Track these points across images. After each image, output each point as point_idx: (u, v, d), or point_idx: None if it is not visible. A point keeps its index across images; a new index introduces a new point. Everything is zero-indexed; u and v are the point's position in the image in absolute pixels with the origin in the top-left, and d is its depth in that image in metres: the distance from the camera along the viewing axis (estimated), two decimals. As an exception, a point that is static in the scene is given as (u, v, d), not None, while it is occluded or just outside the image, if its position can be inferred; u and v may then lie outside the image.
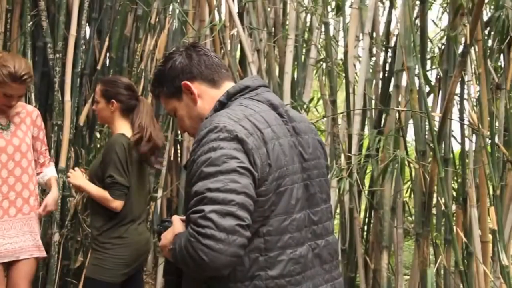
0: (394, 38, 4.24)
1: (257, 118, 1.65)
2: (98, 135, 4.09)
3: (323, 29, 4.35)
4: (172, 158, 4.90)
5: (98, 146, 4.02)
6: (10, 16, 3.89)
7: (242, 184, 1.52)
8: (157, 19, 4.31)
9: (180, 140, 4.88)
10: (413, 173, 3.80)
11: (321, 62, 4.49)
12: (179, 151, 5.09)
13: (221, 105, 1.75)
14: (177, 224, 1.62)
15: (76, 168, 3.07)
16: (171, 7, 4.26)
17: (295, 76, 4.77)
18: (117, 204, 2.83)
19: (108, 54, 4.35)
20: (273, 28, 4.41)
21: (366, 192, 3.93)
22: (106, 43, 4.19)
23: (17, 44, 3.94)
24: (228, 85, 1.80)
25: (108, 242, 2.90)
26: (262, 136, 1.62)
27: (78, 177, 2.97)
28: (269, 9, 4.30)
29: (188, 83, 1.79)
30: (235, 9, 4.17)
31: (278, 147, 1.64)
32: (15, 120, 3.09)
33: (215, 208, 1.47)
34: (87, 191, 2.93)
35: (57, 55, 4.00)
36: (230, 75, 1.86)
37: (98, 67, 4.25)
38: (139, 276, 3.13)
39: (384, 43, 4.16)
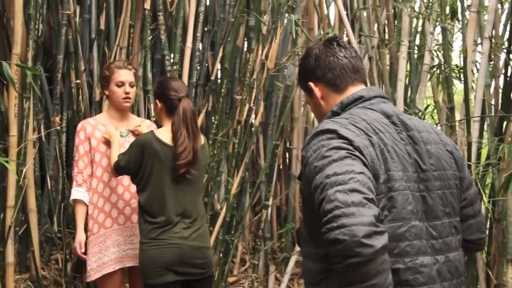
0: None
1: (363, 125, 1.65)
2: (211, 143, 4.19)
3: (436, 34, 4.24)
4: (281, 167, 4.95)
5: (212, 154, 4.13)
6: (132, 31, 4.09)
7: (358, 166, 1.51)
8: (268, 30, 4.38)
9: (289, 148, 4.92)
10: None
11: (435, 68, 4.36)
12: (287, 159, 5.12)
13: (333, 115, 1.76)
14: None
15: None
16: (282, 17, 4.32)
17: (406, 82, 4.66)
18: (112, 166, 3.02)
19: (220, 65, 4.47)
20: (384, 35, 4.35)
21: (487, 201, 3.75)
22: (220, 54, 4.31)
23: (138, 57, 4.15)
24: (353, 90, 1.79)
25: (145, 242, 2.93)
26: (369, 139, 1.61)
27: (116, 137, 3.14)
28: (381, 15, 4.23)
29: (312, 85, 1.81)
30: (345, 16, 4.15)
31: (385, 152, 1.61)
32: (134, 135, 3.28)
33: (338, 188, 1.45)
34: (112, 145, 3.12)
35: (174, 67, 4.17)
36: (360, 78, 1.82)
37: (212, 78, 4.38)
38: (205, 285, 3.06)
39: (505, 46, 3.97)
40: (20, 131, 3.63)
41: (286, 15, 3.96)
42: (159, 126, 3.23)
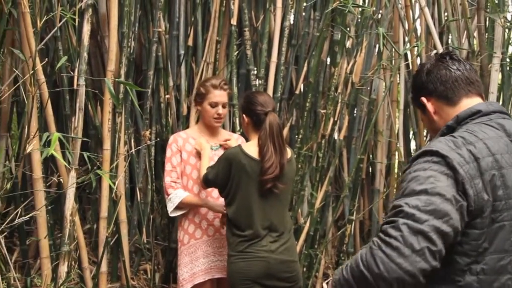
0: None
1: (478, 146, 1.58)
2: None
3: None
4: (364, 181, 4.88)
5: (296, 168, 4.12)
6: (219, 47, 4.17)
7: (444, 210, 1.47)
8: (352, 44, 4.35)
9: (373, 162, 4.84)
10: None
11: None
12: (371, 174, 5.04)
13: (448, 130, 1.71)
14: None
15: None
16: (367, 30, 4.28)
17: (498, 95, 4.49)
18: (202, 181, 3.09)
19: (305, 79, 4.47)
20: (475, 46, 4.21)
21: None
22: (304, 68, 4.31)
23: (224, 72, 4.21)
24: (467, 102, 1.74)
25: (232, 255, 2.96)
26: (478, 167, 1.54)
27: (207, 150, 3.19)
28: (471, 26, 4.10)
29: (424, 100, 1.79)
30: (433, 29, 4.05)
31: (497, 178, 1.55)
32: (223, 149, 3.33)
33: (408, 222, 1.45)
34: (202, 157, 3.18)
35: (259, 82, 4.20)
36: (475, 90, 1.77)
37: (296, 92, 4.39)
38: None
39: None
40: (112, 145, 3.76)
41: (382, 29, 3.90)
42: (247, 139, 3.27)
